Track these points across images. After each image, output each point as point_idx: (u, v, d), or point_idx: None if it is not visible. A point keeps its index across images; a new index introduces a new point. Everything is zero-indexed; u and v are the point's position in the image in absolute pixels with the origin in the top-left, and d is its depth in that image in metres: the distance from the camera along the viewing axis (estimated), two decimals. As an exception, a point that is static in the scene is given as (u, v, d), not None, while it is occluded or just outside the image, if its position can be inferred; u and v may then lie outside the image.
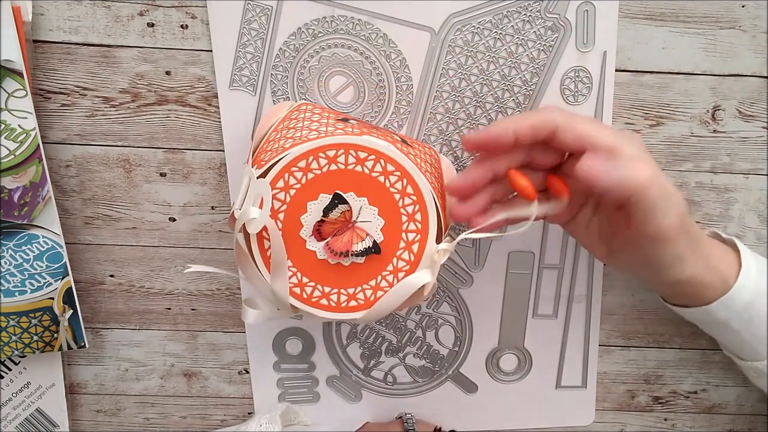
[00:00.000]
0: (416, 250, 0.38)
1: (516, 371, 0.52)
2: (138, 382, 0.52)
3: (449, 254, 0.39)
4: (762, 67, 0.45)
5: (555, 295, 0.50)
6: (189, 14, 0.43)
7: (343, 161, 0.37)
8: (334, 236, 0.38)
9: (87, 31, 0.43)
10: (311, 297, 0.39)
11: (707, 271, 0.40)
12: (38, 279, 0.45)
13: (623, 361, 0.52)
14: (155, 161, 0.46)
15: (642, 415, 0.54)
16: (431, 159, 0.41)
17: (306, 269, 0.39)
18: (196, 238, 0.48)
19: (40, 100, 0.44)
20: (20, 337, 0.46)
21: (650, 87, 0.45)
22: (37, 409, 0.50)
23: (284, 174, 0.37)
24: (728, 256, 0.42)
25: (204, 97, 0.45)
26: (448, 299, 0.50)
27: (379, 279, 0.39)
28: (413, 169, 0.37)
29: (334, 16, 0.43)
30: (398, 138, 0.40)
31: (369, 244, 0.38)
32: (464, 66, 0.44)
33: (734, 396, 0.53)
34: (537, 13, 0.43)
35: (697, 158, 0.47)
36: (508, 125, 0.37)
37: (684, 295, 0.42)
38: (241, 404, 0.53)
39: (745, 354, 0.44)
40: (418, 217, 0.38)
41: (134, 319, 0.50)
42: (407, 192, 0.38)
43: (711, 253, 0.41)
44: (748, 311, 0.41)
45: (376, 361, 0.51)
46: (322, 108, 0.42)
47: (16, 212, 0.43)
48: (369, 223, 0.38)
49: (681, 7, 0.44)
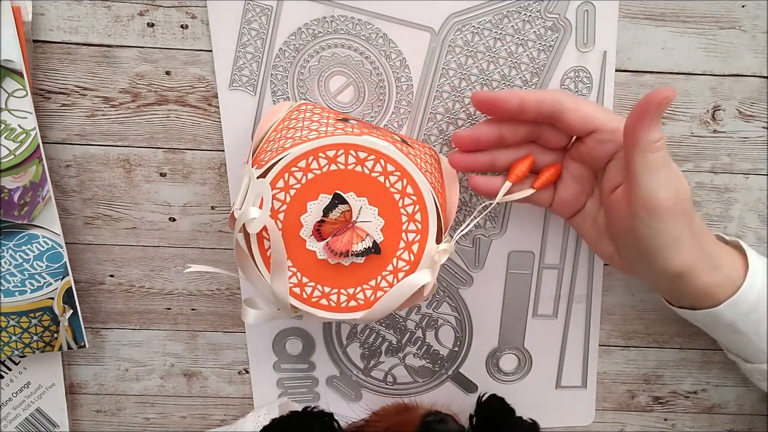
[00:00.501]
0: (416, 250, 0.38)
1: (516, 371, 0.52)
2: (138, 382, 0.52)
3: (449, 254, 0.39)
4: (762, 67, 0.45)
5: (555, 295, 0.50)
6: (189, 14, 0.43)
7: (343, 161, 0.37)
8: (334, 236, 0.38)
9: (87, 31, 0.43)
10: (311, 297, 0.39)
11: (714, 271, 0.40)
12: (38, 279, 0.45)
13: (623, 361, 0.52)
14: (155, 161, 0.46)
15: (642, 415, 0.54)
16: (431, 159, 0.41)
17: (306, 269, 0.39)
18: (196, 238, 0.48)
19: (40, 100, 0.44)
20: (20, 337, 0.46)
21: (650, 87, 0.45)
22: (37, 409, 0.50)
23: (284, 174, 0.37)
24: (734, 257, 0.42)
25: (204, 97, 0.45)
26: (448, 299, 0.50)
27: (379, 279, 0.39)
28: (413, 169, 0.37)
29: (334, 16, 0.43)
30: (398, 138, 0.40)
31: (369, 244, 0.38)
32: (464, 66, 0.44)
33: (734, 396, 0.53)
34: (537, 13, 0.43)
35: (697, 158, 0.47)
36: (516, 93, 0.39)
37: (690, 295, 0.42)
38: (241, 404, 0.53)
39: (751, 356, 0.44)
40: (418, 217, 0.38)
41: (134, 319, 0.50)
42: (407, 192, 0.38)
43: (716, 252, 0.41)
44: (755, 312, 0.41)
45: (376, 361, 0.51)
46: (322, 108, 0.42)
47: (16, 212, 0.43)
48: (369, 223, 0.38)
49: (681, 7, 0.44)
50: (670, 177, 0.37)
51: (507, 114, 0.40)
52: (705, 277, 0.40)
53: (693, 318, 0.44)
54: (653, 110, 0.35)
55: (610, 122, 0.38)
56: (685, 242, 0.38)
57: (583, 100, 0.39)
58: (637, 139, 0.36)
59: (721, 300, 0.40)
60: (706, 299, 0.41)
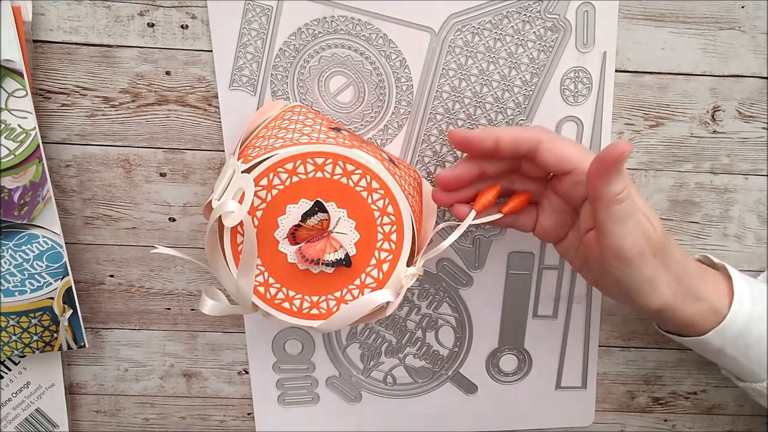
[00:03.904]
0: (386, 269, 0.39)
1: (516, 372, 0.52)
2: (137, 382, 0.52)
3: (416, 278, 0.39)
4: (762, 67, 0.45)
5: (555, 296, 0.50)
6: (189, 14, 0.43)
7: (330, 170, 0.37)
8: (308, 242, 0.38)
9: (87, 31, 0.43)
10: (274, 298, 0.39)
11: (696, 303, 0.40)
12: (38, 279, 0.45)
13: (623, 361, 0.52)
14: (155, 161, 0.46)
15: (642, 415, 0.54)
16: (414, 182, 0.42)
17: (274, 270, 0.39)
18: (196, 238, 0.48)
19: (40, 100, 0.44)
20: (20, 337, 0.46)
21: (650, 87, 0.45)
22: (36, 409, 0.50)
23: (269, 173, 0.37)
24: (718, 284, 0.41)
25: (204, 97, 0.45)
26: (448, 299, 0.50)
27: (345, 292, 0.39)
28: (397, 190, 0.38)
29: (334, 16, 0.43)
30: (386, 156, 0.40)
31: (341, 256, 0.38)
32: (464, 66, 0.44)
33: (734, 397, 0.53)
34: (537, 14, 0.43)
35: (696, 159, 0.47)
36: (492, 132, 0.39)
37: (675, 325, 0.42)
38: (240, 405, 0.53)
39: (743, 375, 0.44)
40: (393, 237, 0.38)
41: (134, 319, 0.50)
42: (387, 212, 0.38)
43: (698, 284, 0.40)
44: (743, 338, 0.41)
45: (376, 361, 0.51)
46: (316, 113, 0.42)
47: (16, 212, 0.43)
48: (345, 235, 0.38)
49: (681, 8, 0.44)
50: (637, 225, 0.37)
51: (483, 153, 0.39)
52: (687, 308, 0.40)
53: (682, 342, 0.44)
54: (611, 165, 0.35)
55: (584, 165, 0.38)
56: (661, 282, 0.38)
57: (560, 140, 0.39)
58: (599, 193, 0.36)
59: (707, 329, 0.40)
60: (691, 328, 0.41)
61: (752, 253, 0.49)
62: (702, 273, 0.41)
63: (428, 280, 0.49)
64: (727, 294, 0.41)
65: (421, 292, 0.49)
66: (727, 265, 0.43)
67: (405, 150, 0.46)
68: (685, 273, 0.40)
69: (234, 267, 0.38)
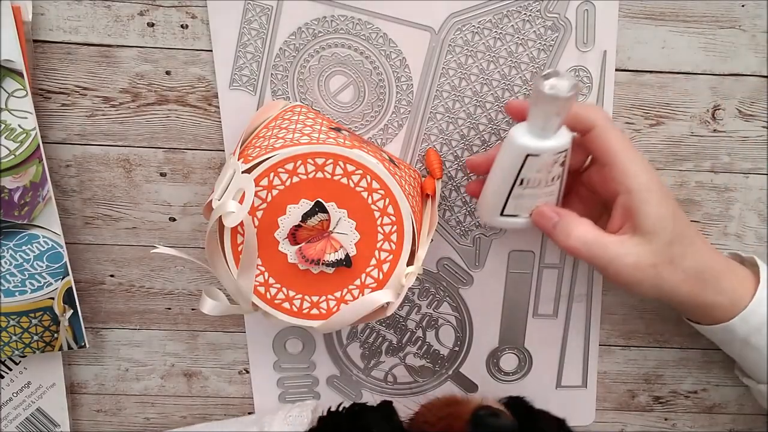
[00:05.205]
0: (386, 269, 0.39)
1: (516, 371, 0.52)
2: (138, 382, 0.52)
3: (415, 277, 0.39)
4: (762, 66, 0.45)
5: (555, 295, 0.50)
6: (189, 14, 0.43)
7: (330, 171, 0.37)
8: (308, 243, 0.38)
9: (87, 31, 0.43)
10: (274, 298, 0.39)
11: (717, 295, 0.41)
12: (38, 279, 0.45)
13: (623, 360, 0.52)
14: (155, 161, 0.46)
15: (642, 414, 0.54)
16: (415, 182, 0.42)
17: (274, 270, 0.39)
18: (196, 238, 0.48)
19: (40, 100, 0.44)
20: (20, 337, 0.46)
21: (650, 86, 0.45)
22: (37, 408, 0.50)
23: (269, 173, 0.37)
24: (742, 278, 0.42)
25: (204, 97, 0.45)
26: (448, 299, 0.50)
27: (345, 292, 0.39)
28: (398, 190, 0.38)
29: (334, 15, 0.43)
30: (387, 157, 0.40)
31: (341, 256, 0.38)
32: (464, 65, 0.44)
33: (735, 396, 0.53)
34: (537, 13, 0.43)
35: (697, 158, 0.47)
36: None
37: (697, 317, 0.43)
38: (241, 404, 0.53)
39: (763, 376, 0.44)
40: (394, 238, 0.38)
41: (134, 319, 0.50)
42: (388, 212, 0.38)
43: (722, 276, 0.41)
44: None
45: (377, 360, 0.51)
46: (316, 113, 0.42)
47: (16, 212, 0.43)
48: (345, 235, 0.38)
49: (681, 7, 0.44)
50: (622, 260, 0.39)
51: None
52: (708, 300, 0.41)
53: (705, 332, 0.44)
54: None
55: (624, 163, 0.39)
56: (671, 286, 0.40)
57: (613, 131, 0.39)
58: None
59: (729, 317, 0.41)
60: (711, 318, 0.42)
61: (752, 252, 0.49)
62: (727, 267, 0.42)
63: (428, 280, 0.49)
64: (750, 286, 0.41)
65: (421, 292, 0.49)
66: (755, 257, 0.43)
67: (405, 149, 0.46)
68: (706, 267, 0.40)
69: (234, 267, 0.38)
